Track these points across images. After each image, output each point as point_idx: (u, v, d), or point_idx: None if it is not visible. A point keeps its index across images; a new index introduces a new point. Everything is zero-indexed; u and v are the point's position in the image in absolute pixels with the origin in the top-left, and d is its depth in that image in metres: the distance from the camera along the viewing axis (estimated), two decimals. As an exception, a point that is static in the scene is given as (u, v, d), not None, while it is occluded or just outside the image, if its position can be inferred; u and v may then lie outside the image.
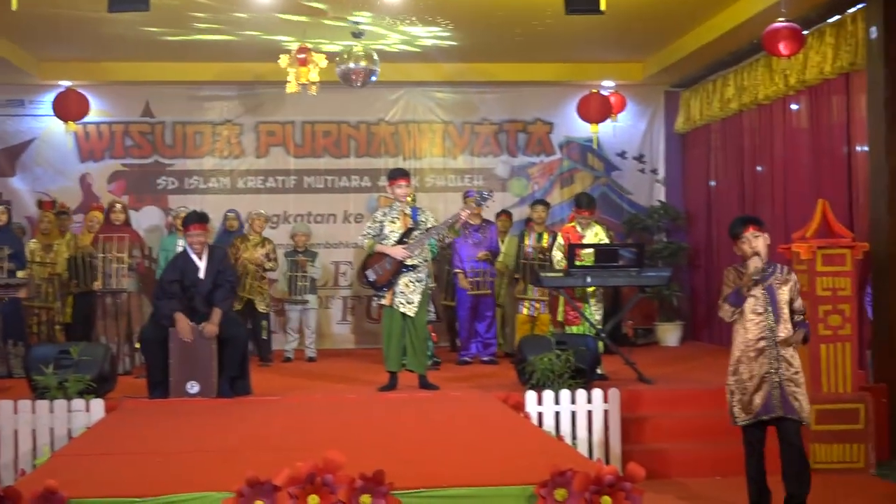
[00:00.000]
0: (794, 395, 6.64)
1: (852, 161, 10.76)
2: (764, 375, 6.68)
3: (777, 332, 6.70)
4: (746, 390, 6.73)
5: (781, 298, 6.77)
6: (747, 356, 6.77)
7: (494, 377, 10.68)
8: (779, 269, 6.89)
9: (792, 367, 6.69)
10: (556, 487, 4.90)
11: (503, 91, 14.96)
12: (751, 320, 6.77)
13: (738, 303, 6.80)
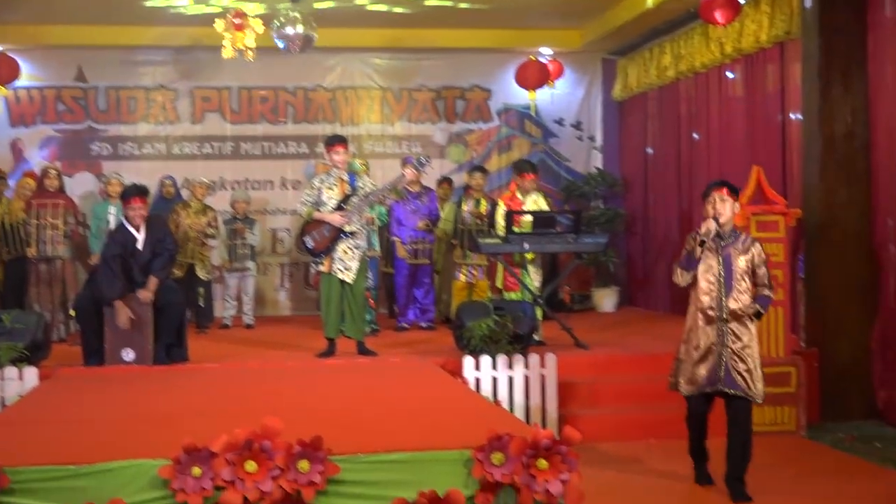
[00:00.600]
0: (736, 371, 6.49)
1: (786, 129, 10.89)
2: (710, 346, 6.55)
3: (726, 303, 6.52)
4: (692, 360, 6.62)
5: (737, 268, 6.56)
6: (697, 325, 6.63)
7: (432, 343, 10.71)
8: (741, 238, 6.69)
9: (740, 340, 6.52)
10: (493, 451, 4.93)
11: (441, 57, 14.92)
12: (702, 289, 6.61)
13: (689, 266, 6.62)
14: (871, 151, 9.28)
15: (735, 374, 6.49)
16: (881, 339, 9.12)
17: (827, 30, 9.31)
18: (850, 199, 9.27)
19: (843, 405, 9.14)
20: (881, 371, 9.09)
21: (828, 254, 9.28)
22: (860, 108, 9.30)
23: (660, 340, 10.81)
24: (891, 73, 9.02)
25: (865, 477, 7.26)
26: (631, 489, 6.99)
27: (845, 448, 8.13)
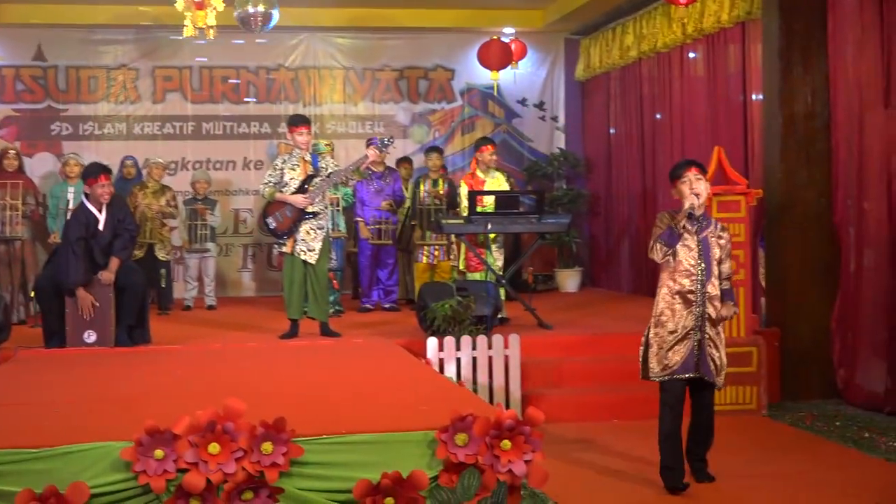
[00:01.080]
0: (711, 356, 6.38)
1: (748, 109, 10.94)
2: (688, 331, 6.35)
3: (706, 288, 6.33)
4: (665, 344, 6.39)
5: (714, 254, 6.40)
6: (672, 308, 6.41)
7: (396, 324, 10.71)
8: (713, 223, 6.52)
9: (714, 327, 6.41)
10: (457, 432, 4.94)
11: (404, 37, 14.87)
12: (682, 271, 6.37)
13: (672, 242, 6.33)
14: (830, 131, 9.34)
15: (710, 360, 6.39)
16: (841, 319, 9.20)
17: (787, 10, 9.34)
18: (811, 179, 9.34)
19: (803, 384, 9.23)
20: (840, 350, 9.18)
21: (788, 234, 9.35)
22: (820, 89, 9.36)
23: (623, 321, 10.86)
24: (850, 54, 9.07)
25: (825, 455, 7.33)
26: (594, 469, 7.03)
27: (805, 427, 8.20)
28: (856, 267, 9.04)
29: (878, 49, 8.71)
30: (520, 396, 8.45)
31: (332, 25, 14.49)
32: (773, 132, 9.45)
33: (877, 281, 8.77)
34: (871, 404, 8.72)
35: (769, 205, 9.45)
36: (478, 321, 8.92)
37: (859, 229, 9.00)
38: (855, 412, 8.70)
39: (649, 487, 6.48)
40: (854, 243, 9.07)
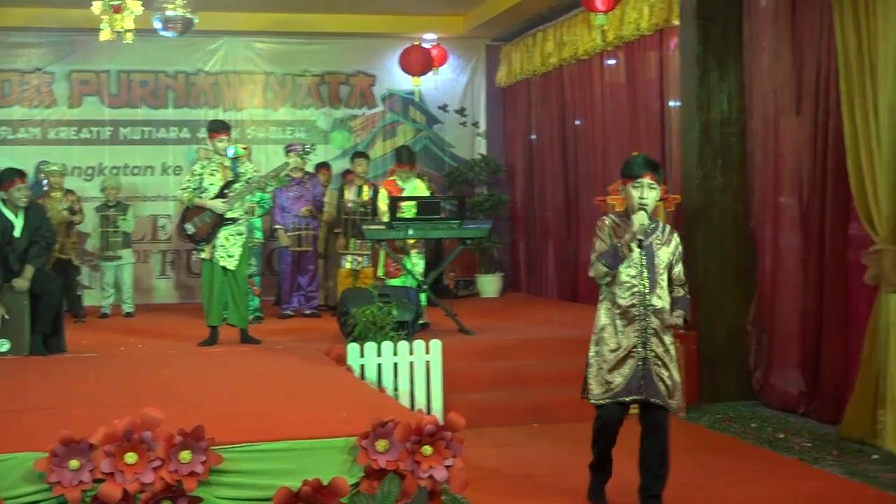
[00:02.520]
0: (659, 376, 5.76)
1: (666, 115, 11.09)
2: (631, 350, 5.77)
3: (650, 300, 5.76)
4: (607, 364, 5.81)
5: (660, 262, 5.81)
6: (614, 325, 5.82)
7: (317, 330, 10.66)
8: (661, 227, 5.93)
9: (662, 344, 5.80)
10: (378, 439, 4.93)
11: (325, 42, 14.84)
12: (622, 284, 5.78)
13: (614, 264, 5.73)
14: (746, 137, 9.48)
15: (658, 381, 5.77)
16: (756, 322, 9.34)
17: (704, 18, 9.47)
18: (727, 184, 9.46)
19: (720, 386, 9.34)
20: (756, 353, 9.32)
21: (706, 238, 9.46)
22: (736, 95, 9.50)
23: (544, 325, 10.94)
24: (765, 61, 9.22)
25: (741, 457, 7.42)
26: (516, 474, 7.05)
27: (722, 429, 8.31)
28: (771, 270, 9.19)
29: (790, 57, 8.86)
30: (441, 402, 8.44)
31: (252, 30, 14.40)
32: (690, 138, 9.57)
33: (791, 284, 8.92)
34: (785, 405, 8.86)
35: (687, 209, 9.56)
36: (399, 327, 8.90)
37: (774, 233, 9.15)
38: (770, 413, 8.83)
39: (570, 491, 6.51)
40: (769, 247, 9.22)
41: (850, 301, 8.25)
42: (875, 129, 7.53)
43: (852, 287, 8.16)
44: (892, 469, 6.86)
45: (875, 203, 7.55)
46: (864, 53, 7.65)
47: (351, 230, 11.86)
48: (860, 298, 8.02)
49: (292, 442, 4.99)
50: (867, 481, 6.63)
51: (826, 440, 7.77)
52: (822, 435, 7.94)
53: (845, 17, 7.84)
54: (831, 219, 8.36)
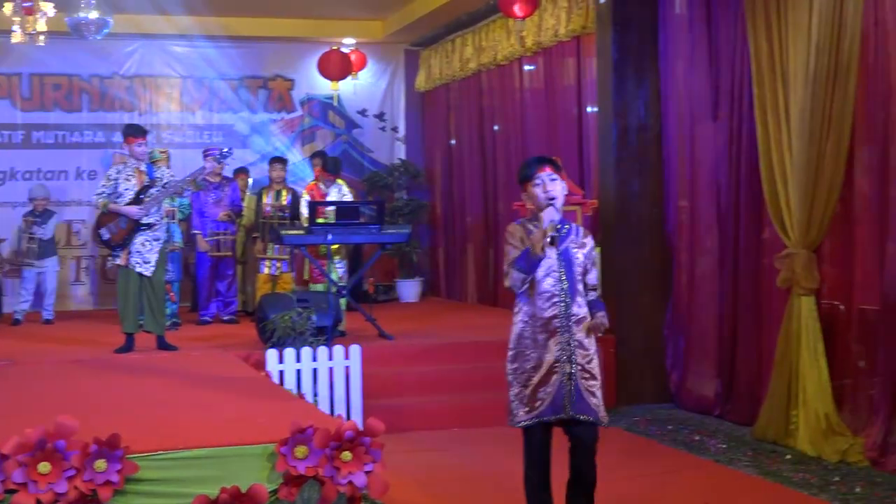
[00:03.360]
0: (589, 390, 5.23)
1: (583, 121, 11.18)
2: (554, 364, 5.20)
3: (571, 310, 5.23)
4: (529, 382, 5.23)
5: (578, 266, 5.31)
6: (534, 339, 5.25)
7: (235, 336, 10.59)
8: (574, 229, 5.43)
9: (587, 352, 5.27)
10: (297, 445, 4.90)
11: (243, 46, 14.73)
12: (542, 294, 5.23)
13: (529, 268, 5.18)
14: (662, 143, 9.60)
15: (587, 394, 5.23)
16: (672, 325, 9.46)
17: (620, 25, 9.57)
18: (643, 189, 9.57)
19: (637, 389, 9.44)
20: (673, 355, 9.44)
21: (623, 242, 9.56)
22: (652, 101, 9.61)
23: (464, 330, 10.97)
24: (681, 68, 9.35)
25: (658, 458, 7.51)
26: (436, 478, 7.05)
27: (639, 431, 8.40)
28: (687, 274, 9.32)
29: (706, 65, 8.99)
30: (361, 407, 8.43)
31: (168, 33, 14.22)
32: (607, 144, 9.66)
33: (707, 287, 9.05)
34: (701, 408, 8.99)
35: (604, 214, 9.65)
36: (318, 332, 8.88)
37: (691, 237, 9.28)
38: (687, 415, 8.95)
39: (490, 495, 6.54)
40: (685, 251, 9.34)
41: (764, 304, 8.39)
42: (787, 134, 7.68)
43: (766, 290, 8.30)
44: (805, 469, 6.99)
45: (787, 207, 7.69)
46: (776, 60, 7.80)
47: (269, 235, 11.79)
48: (774, 301, 8.16)
49: (210, 449, 4.93)
50: (781, 481, 6.74)
51: (741, 441, 7.89)
52: (737, 436, 8.07)
53: (758, 24, 7.99)
54: (746, 223, 8.50)
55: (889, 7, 7.14)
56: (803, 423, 7.49)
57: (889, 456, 6.89)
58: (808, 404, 7.48)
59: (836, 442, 7.24)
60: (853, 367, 7.49)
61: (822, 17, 7.30)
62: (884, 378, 7.08)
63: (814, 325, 7.54)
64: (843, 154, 7.34)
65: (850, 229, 7.55)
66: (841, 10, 7.21)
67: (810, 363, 7.50)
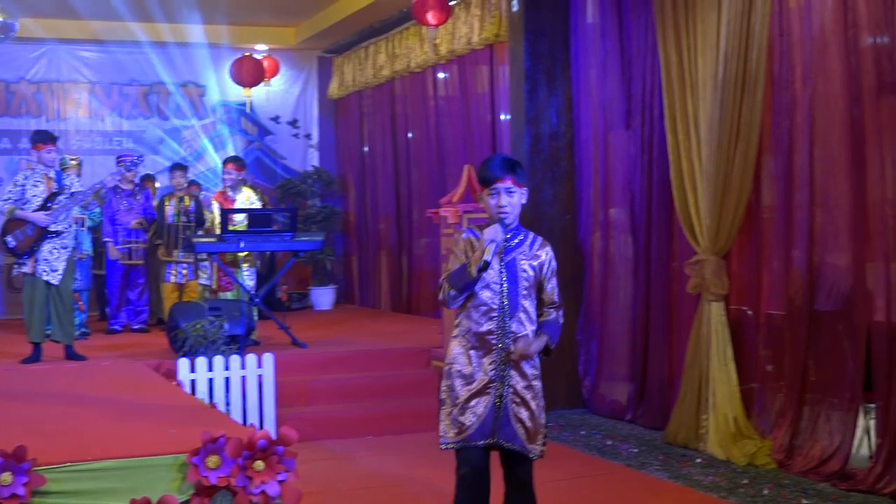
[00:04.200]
0: (517, 417, 4.82)
1: (497, 128, 11.25)
2: (487, 384, 4.82)
3: (509, 326, 4.83)
4: (459, 402, 4.85)
5: (524, 279, 4.87)
6: (467, 356, 4.87)
7: (146, 346, 10.45)
8: (530, 239, 4.97)
9: (524, 378, 4.86)
10: (208, 455, 4.85)
11: (154, 52, 14.55)
12: (478, 307, 4.85)
13: (462, 286, 4.78)
14: (573, 150, 9.68)
15: (515, 422, 4.83)
16: (585, 330, 9.55)
17: (532, 33, 9.63)
18: (556, 196, 9.64)
19: (550, 395, 9.33)
20: (585, 361, 9.52)
21: (536, 250, 9.61)
22: (564, 109, 9.69)
23: (377, 337, 10.95)
24: (593, 76, 9.44)
25: (571, 464, 7.56)
26: (350, 486, 7.03)
27: (552, 437, 8.44)
28: (600, 280, 9.40)
29: (619, 73, 9.10)
30: (274, 416, 8.37)
31: (77, 38, 14.03)
32: (519, 151, 9.72)
33: (619, 293, 9.16)
34: (614, 413, 9.08)
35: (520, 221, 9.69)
36: (231, 341, 8.80)
37: (603, 244, 9.37)
38: (599, 420, 9.03)
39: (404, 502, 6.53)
40: (598, 258, 9.43)
41: (675, 310, 8.51)
42: (696, 142, 7.80)
43: (677, 296, 8.42)
44: (714, 472, 7.09)
45: (696, 214, 7.81)
46: (686, 69, 7.92)
47: (173, 241, 11.68)
48: (685, 307, 8.28)
49: (119, 460, 4.86)
50: (691, 484, 6.83)
51: (652, 445, 7.99)
52: (648, 440, 8.16)
53: (667, 34, 8.11)
54: (658, 230, 8.60)
55: (794, 18, 7.30)
56: (713, 426, 7.61)
57: (795, 458, 7.03)
58: (717, 408, 7.60)
59: (744, 445, 7.36)
60: (761, 371, 7.63)
61: (730, 28, 7.43)
62: (790, 382, 7.22)
63: (723, 330, 7.67)
64: (751, 162, 7.47)
65: (758, 236, 7.69)
66: (748, 20, 7.35)
67: (719, 368, 7.62)
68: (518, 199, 4.85)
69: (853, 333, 6.79)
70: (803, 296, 7.14)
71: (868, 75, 6.64)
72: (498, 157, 4.91)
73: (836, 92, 6.92)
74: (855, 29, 6.74)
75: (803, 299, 7.14)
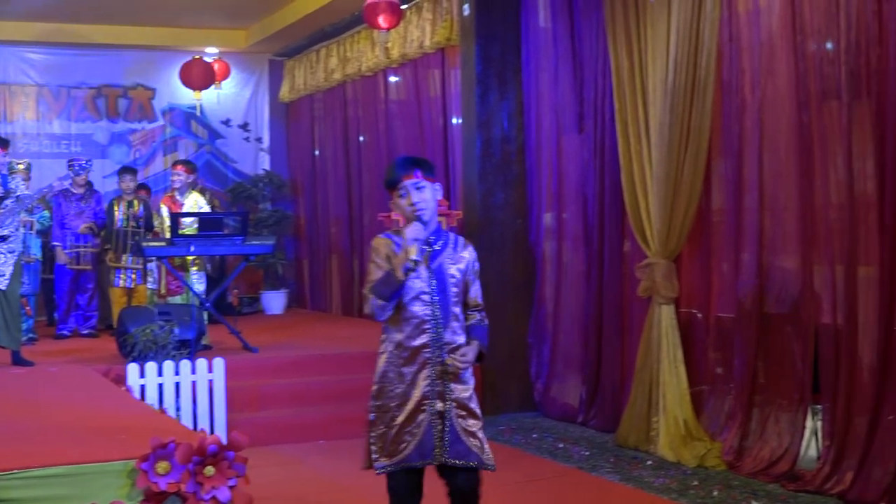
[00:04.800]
0: (468, 430, 4.58)
1: (449, 132, 11.26)
2: (421, 401, 4.52)
3: (444, 337, 4.58)
4: (393, 422, 4.54)
5: (453, 287, 4.66)
6: (399, 372, 4.56)
7: (95, 351, 10.35)
8: (451, 240, 4.76)
9: (464, 385, 4.63)
10: (158, 461, 4.81)
11: (102, 54, 14.44)
12: (409, 319, 4.55)
13: (391, 295, 4.50)
14: (525, 154, 9.71)
15: (466, 436, 4.56)
16: (536, 333, 9.57)
17: (483, 37, 9.65)
18: (507, 200, 9.67)
19: (502, 398, 9.52)
20: (537, 364, 9.55)
21: (487, 253, 9.60)
22: (515, 113, 9.72)
23: (328, 341, 10.93)
24: (545, 80, 9.47)
25: (523, 467, 7.57)
26: (301, 492, 7.01)
27: (504, 440, 8.46)
28: (553, 284, 9.43)
29: (571, 77, 9.13)
30: (224, 421, 8.32)
31: (23, 40, 13.88)
32: (471, 155, 9.73)
33: (572, 297, 9.19)
34: (566, 415, 9.11)
35: (469, 225, 9.72)
36: (181, 346, 8.74)
37: (556, 248, 9.40)
38: (551, 423, 9.06)
39: (356, 507, 6.53)
40: (550, 261, 9.46)
41: (626, 313, 8.56)
42: (647, 147, 7.86)
43: (629, 300, 8.47)
44: (665, 474, 7.14)
45: (647, 218, 7.87)
46: (636, 75, 7.98)
47: (121, 246, 11.58)
48: (636, 310, 8.33)
49: (68, 467, 4.81)
50: (642, 487, 6.87)
51: (604, 448, 8.02)
52: (599, 443, 8.20)
53: (618, 39, 8.16)
54: (610, 234, 8.65)
55: (743, 24, 7.37)
56: (663, 429, 7.66)
57: (745, 459, 7.09)
58: (667, 410, 7.65)
59: (694, 447, 7.41)
60: (711, 373, 7.69)
61: (680, 34, 7.49)
62: (739, 384, 7.29)
63: (673, 333, 7.72)
64: (701, 167, 7.53)
65: (708, 240, 7.75)
66: (698, 26, 7.41)
67: (670, 370, 7.67)
68: (431, 194, 4.59)
69: (801, 335, 6.86)
70: (752, 298, 7.21)
71: (815, 80, 6.72)
72: (400, 158, 4.78)
73: (784, 97, 7.00)
74: (802, 35, 6.82)
75: (752, 302, 7.21)
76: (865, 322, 6.39)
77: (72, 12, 12.95)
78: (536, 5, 9.57)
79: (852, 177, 6.44)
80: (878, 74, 6.24)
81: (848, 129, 6.44)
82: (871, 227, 6.35)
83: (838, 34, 6.51)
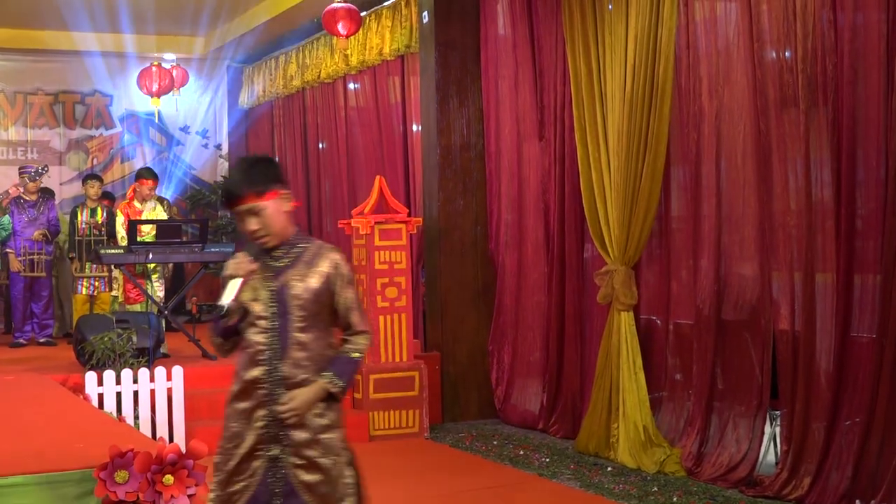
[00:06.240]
0: (304, 484, 3.85)
1: (409, 139, 11.26)
2: (255, 446, 3.88)
3: (281, 370, 3.88)
4: (226, 468, 3.93)
5: (297, 309, 3.89)
6: (233, 407, 3.98)
7: (52, 359, 10.25)
8: (308, 253, 3.98)
9: (309, 430, 3.87)
10: (117, 469, 4.77)
11: (59, 60, 14.32)
12: (245, 349, 4.00)
13: (223, 332, 4.02)
14: (485, 161, 9.73)
15: (303, 491, 3.85)
16: (496, 340, 9.59)
17: (442, 44, 9.67)
18: (467, 207, 9.68)
19: (463, 405, 9.53)
20: (497, 371, 9.55)
21: (447, 260, 9.64)
22: (475, 120, 9.74)
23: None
24: (504, 87, 9.50)
25: (483, 474, 7.58)
26: (260, 499, 6.96)
27: (465, 447, 8.46)
28: (513, 291, 9.44)
29: (531, 85, 9.15)
30: (184, 429, 8.26)
31: (-21, 45, 13.76)
32: (431, 162, 9.74)
33: (533, 304, 9.21)
34: (526, 422, 9.12)
35: (428, 232, 9.72)
36: (140, 353, 8.67)
37: (517, 255, 9.41)
38: (512, 430, 9.07)
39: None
40: (510, 268, 9.48)
41: (587, 320, 8.60)
42: (605, 154, 7.90)
43: (589, 307, 8.50)
44: (625, 480, 7.17)
45: (606, 225, 7.90)
46: (595, 82, 8.02)
47: (86, 254, 11.48)
48: (596, 317, 8.37)
49: (26, 476, 4.76)
50: (602, 493, 6.89)
51: (564, 454, 8.04)
52: (560, 450, 8.22)
53: (576, 47, 8.20)
54: (570, 241, 8.68)
55: (700, 31, 7.42)
56: (623, 435, 7.68)
57: (704, 465, 7.13)
58: (627, 417, 7.68)
59: (654, 453, 7.45)
60: (670, 379, 7.73)
61: (638, 41, 7.54)
62: (698, 390, 7.33)
63: (632, 339, 7.75)
64: (659, 174, 7.57)
65: (666, 246, 7.80)
66: (655, 34, 7.45)
67: (629, 377, 7.70)
68: (273, 212, 3.90)
69: (759, 342, 6.91)
70: (711, 305, 7.25)
71: (772, 88, 6.77)
72: (235, 170, 4.07)
73: (741, 104, 7.06)
74: (759, 43, 6.88)
75: (711, 308, 7.25)
76: (823, 328, 6.45)
77: (29, 18, 12.83)
78: (496, 12, 9.60)
79: (810, 184, 6.50)
80: (834, 82, 6.31)
81: (805, 137, 6.51)
82: (828, 234, 6.41)
83: (795, 42, 6.57)
